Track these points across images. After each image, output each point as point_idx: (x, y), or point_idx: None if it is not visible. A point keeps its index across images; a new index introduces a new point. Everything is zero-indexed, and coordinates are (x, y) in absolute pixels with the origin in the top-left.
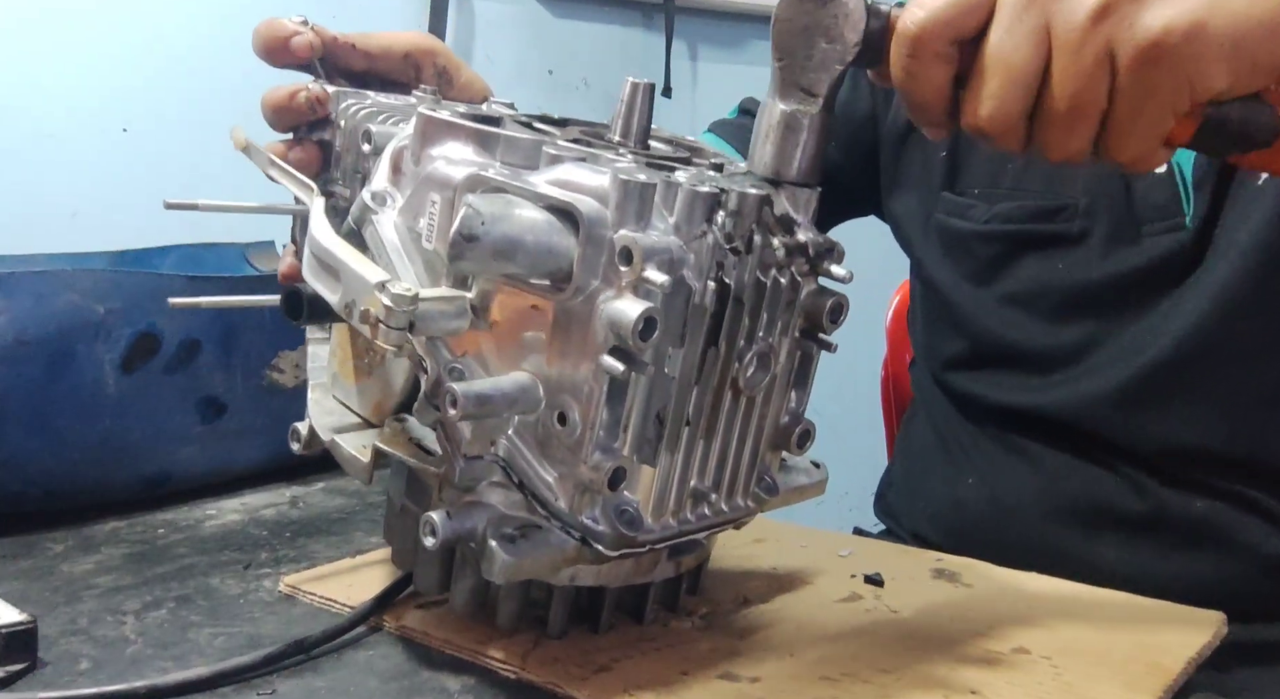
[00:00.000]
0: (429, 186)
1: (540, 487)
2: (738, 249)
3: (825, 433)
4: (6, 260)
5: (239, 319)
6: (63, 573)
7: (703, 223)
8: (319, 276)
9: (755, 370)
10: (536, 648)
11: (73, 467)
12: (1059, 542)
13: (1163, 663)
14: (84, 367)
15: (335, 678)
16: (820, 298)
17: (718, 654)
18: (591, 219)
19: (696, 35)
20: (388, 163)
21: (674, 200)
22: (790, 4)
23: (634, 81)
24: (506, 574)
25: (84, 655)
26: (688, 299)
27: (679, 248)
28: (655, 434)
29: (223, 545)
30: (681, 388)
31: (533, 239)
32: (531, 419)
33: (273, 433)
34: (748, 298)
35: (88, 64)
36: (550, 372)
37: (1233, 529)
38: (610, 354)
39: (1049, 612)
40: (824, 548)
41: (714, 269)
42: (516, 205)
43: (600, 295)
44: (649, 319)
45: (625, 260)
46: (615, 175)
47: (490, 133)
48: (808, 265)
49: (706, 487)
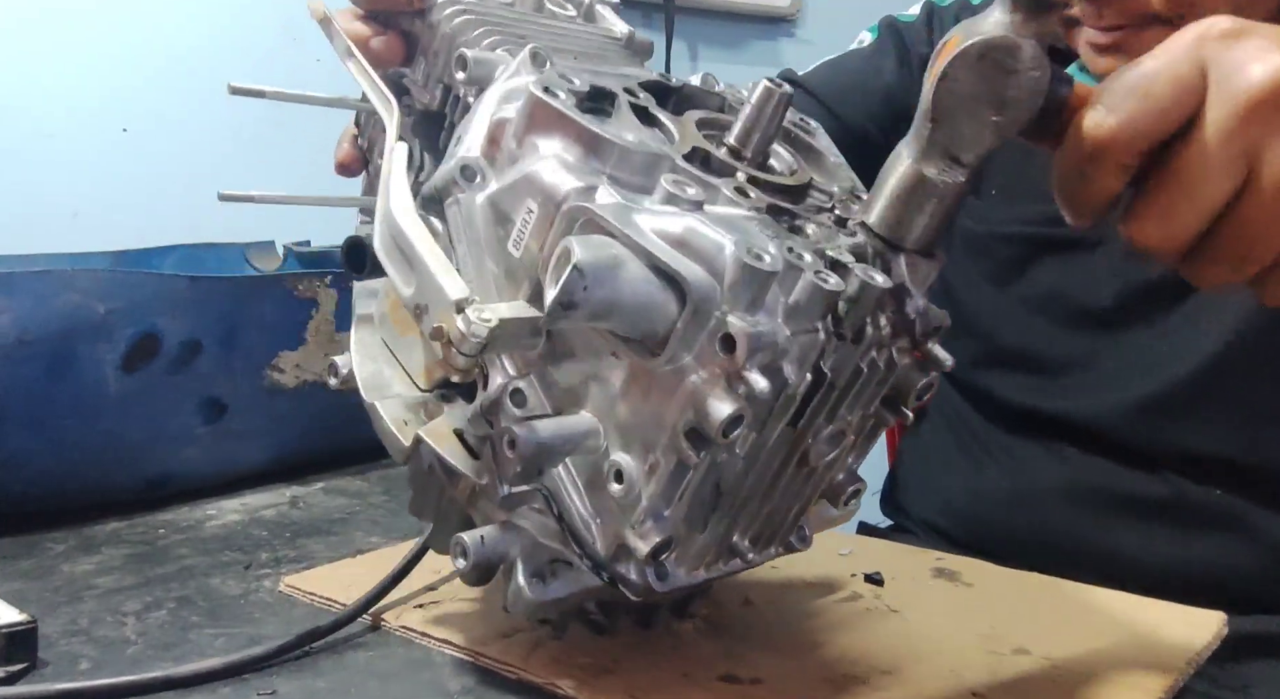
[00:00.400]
0: (528, 189)
1: (580, 527)
2: (844, 335)
3: None
4: (7, 260)
5: (240, 319)
6: (63, 573)
7: (818, 319)
8: (391, 257)
9: (827, 446)
10: (537, 648)
11: (73, 467)
12: (1077, 529)
13: (1163, 663)
14: (85, 367)
15: (335, 678)
16: (913, 374)
17: (719, 655)
18: (702, 295)
19: (696, 35)
20: (485, 130)
21: (793, 286)
22: (966, 67)
23: (770, 87)
24: (528, 612)
25: (84, 656)
26: (781, 390)
27: (786, 340)
28: (710, 503)
29: (223, 546)
30: (748, 464)
31: (633, 301)
32: (586, 457)
33: (274, 433)
34: (840, 382)
35: (88, 64)
36: (617, 422)
37: (1253, 518)
38: (686, 436)
39: (1049, 612)
40: (824, 548)
41: (813, 359)
42: (622, 263)
43: (691, 373)
44: (738, 418)
45: (727, 349)
46: (737, 254)
47: (604, 140)
48: (910, 344)
49: (745, 546)
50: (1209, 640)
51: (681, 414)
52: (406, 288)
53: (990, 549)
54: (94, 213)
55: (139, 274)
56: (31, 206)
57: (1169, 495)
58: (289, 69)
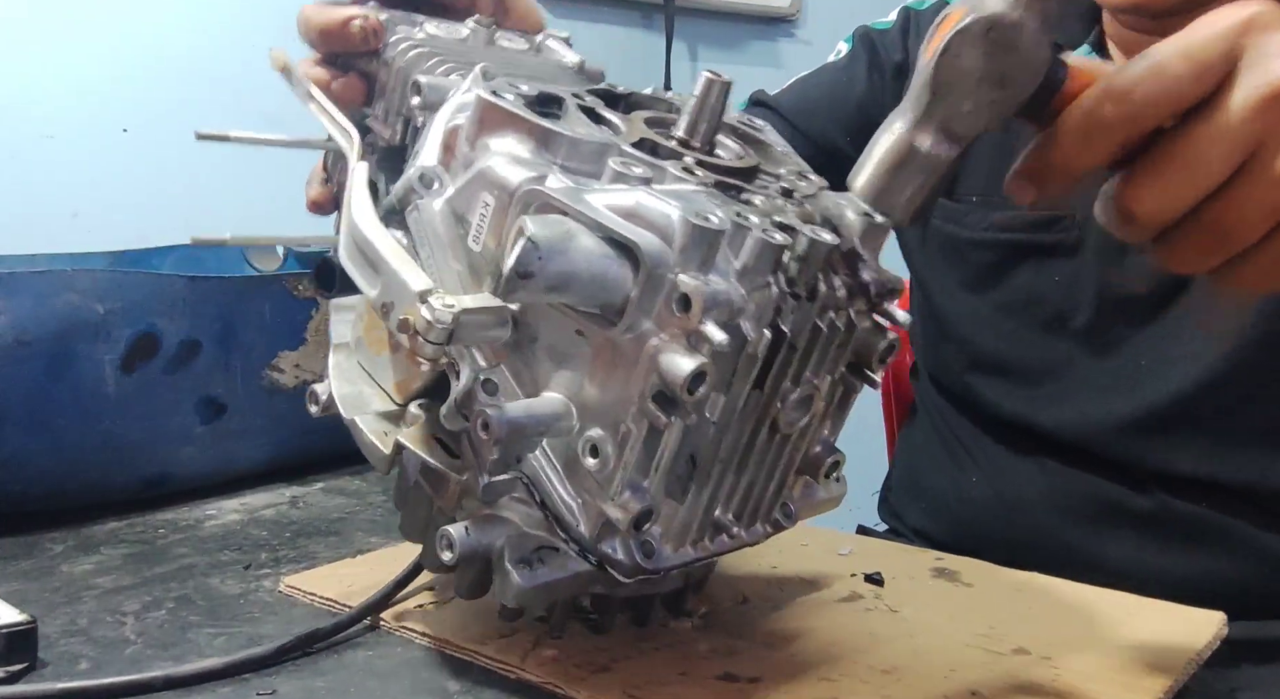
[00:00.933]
0: (482, 184)
1: (563, 510)
2: (799, 295)
3: None
4: (6, 260)
5: (239, 319)
6: (62, 573)
7: (769, 274)
8: (356, 264)
9: (796, 411)
10: (536, 648)
11: (73, 467)
12: (1064, 537)
13: (1163, 663)
14: (84, 367)
15: (335, 678)
16: (874, 337)
17: (717, 654)
18: (654, 260)
19: (696, 35)
20: (439, 140)
21: (742, 245)
22: (968, 44)
23: (710, 77)
24: (520, 599)
25: (84, 656)
26: (741, 348)
27: (740, 298)
28: (686, 472)
29: (222, 546)
30: (719, 430)
31: (589, 272)
32: (561, 440)
33: (273, 433)
34: (801, 343)
35: (88, 64)
36: (587, 399)
37: (1238, 527)
38: (654, 400)
39: (1049, 612)
40: (824, 547)
41: (770, 317)
42: (575, 235)
43: (652, 337)
44: (700, 374)
45: (683, 307)
46: (685, 216)
47: (553, 132)
48: (867, 305)
49: (729, 520)
50: (1209, 641)
51: (647, 379)
52: (372, 290)
53: (978, 555)
54: (94, 213)
55: (138, 274)
56: (31, 206)
57: (1154, 509)
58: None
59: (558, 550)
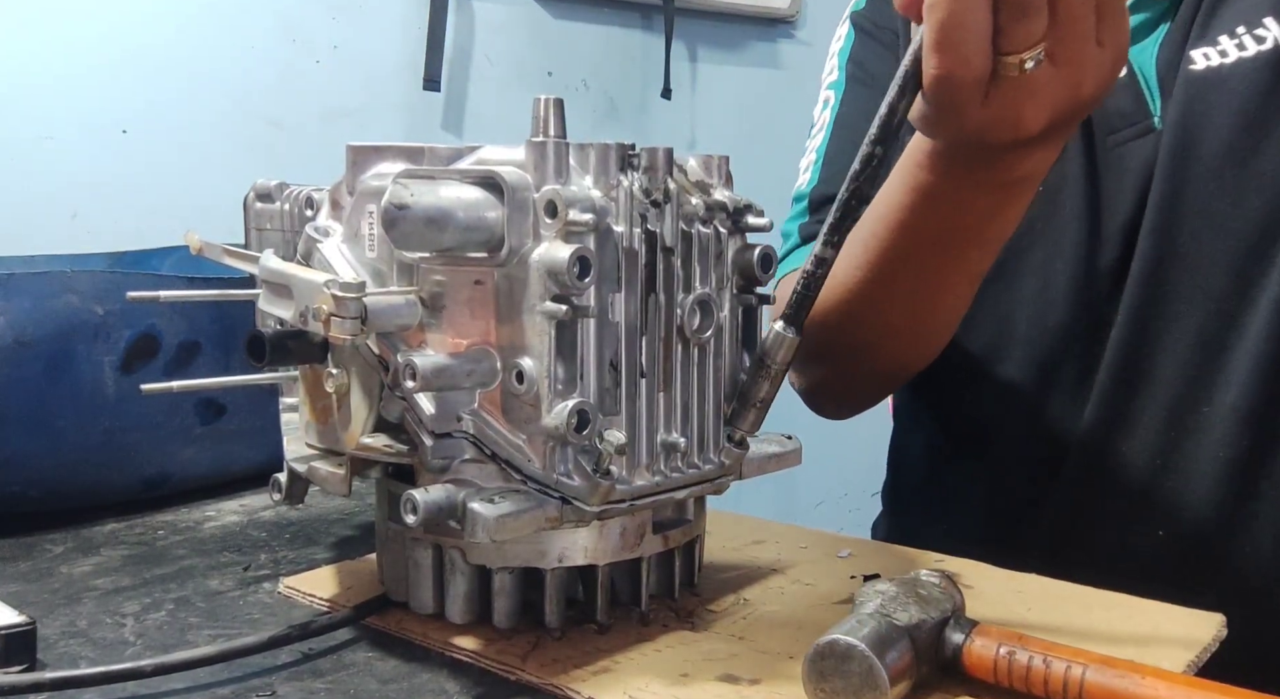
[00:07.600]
0: (365, 199)
1: (512, 452)
2: (657, 202)
3: (826, 434)
4: (6, 261)
5: (238, 320)
6: (62, 574)
7: (618, 174)
8: (274, 301)
9: (699, 318)
10: (536, 649)
11: (72, 467)
12: (1058, 539)
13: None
14: (84, 367)
15: (335, 678)
16: (748, 251)
17: (717, 655)
18: (514, 183)
19: (696, 36)
20: (327, 203)
21: (588, 159)
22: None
23: (536, 98)
24: (491, 531)
25: (83, 657)
26: (617, 244)
27: (600, 198)
28: (613, 382)
29: (222, 547)
30: (629, 335)
31: (463, 212)
32: (493, 389)
33: (272, 434)
34: (677, 247)
35: (88, 64)
36: (502, 339)
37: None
38: (553, 301)
39: (1049, 612)
40: (824, 548)
41: (638, 221)
42: (441, 182)
43: (533, 253)
44: (582, 258)
45: (550, 212)
46: (528, 142)
47: (416, 147)
48: (729, 220)
49: (674, 438)
50: (1209, 641)
51: (543, 285)
52: (289, 311)
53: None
54: (93, 213)
55: (137, 275)
56: (31, 207)
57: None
58: (288, 69)
59: (519, 491)
